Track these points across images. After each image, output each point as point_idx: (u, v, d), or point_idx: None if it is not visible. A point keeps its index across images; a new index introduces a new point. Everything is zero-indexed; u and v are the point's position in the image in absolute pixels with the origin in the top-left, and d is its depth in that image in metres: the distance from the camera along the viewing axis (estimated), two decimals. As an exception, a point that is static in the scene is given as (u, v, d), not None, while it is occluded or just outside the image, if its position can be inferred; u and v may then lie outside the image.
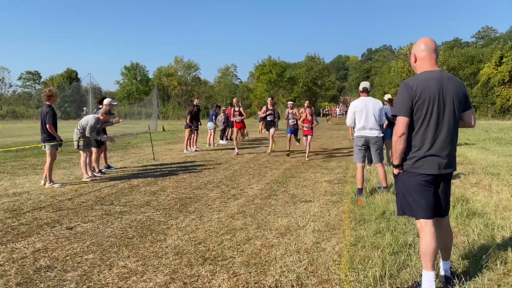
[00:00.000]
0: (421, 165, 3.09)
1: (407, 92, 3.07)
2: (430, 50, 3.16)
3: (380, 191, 6.68)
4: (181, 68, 71.29)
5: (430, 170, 3.07)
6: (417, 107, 3.05)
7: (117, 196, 7.00)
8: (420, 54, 3.20)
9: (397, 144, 3.13)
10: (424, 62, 3.18)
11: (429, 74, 3.11)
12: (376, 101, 6.68)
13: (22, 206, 6.35)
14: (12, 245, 4.53)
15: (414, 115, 3.08)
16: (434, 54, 3.18)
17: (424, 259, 3.10)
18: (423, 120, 3.06)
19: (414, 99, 3.05)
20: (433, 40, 3.21)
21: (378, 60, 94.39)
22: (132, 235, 4.86)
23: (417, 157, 3.10)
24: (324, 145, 16.37)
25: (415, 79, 3.11)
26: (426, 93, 3.03)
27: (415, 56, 3.24)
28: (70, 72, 68.60)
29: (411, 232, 4.56)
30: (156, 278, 3.64)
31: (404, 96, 3.08)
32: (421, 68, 3.19)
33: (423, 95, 3.03)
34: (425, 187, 3.11)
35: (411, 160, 3.13)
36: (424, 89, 3.04)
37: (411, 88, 3.06)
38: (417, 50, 3.21)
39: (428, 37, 3.22)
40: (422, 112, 3.05)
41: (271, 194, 7.01)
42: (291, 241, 4.53)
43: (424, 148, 3.08)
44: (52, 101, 8.12)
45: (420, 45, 3.20)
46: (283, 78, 62.83)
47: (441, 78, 3.08)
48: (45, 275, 3.71)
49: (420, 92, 3.03)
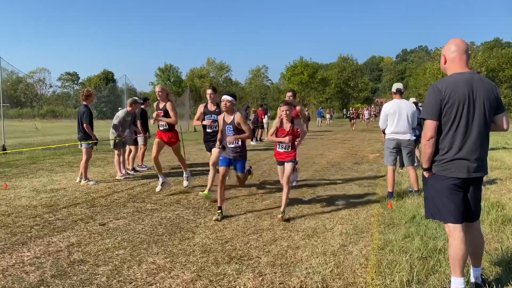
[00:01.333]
0: (450, 168, 3.03)
1: (436, 95, 3.02)
2: (461, 51, 3.09)
3: (411, 195, 6.55)
4: (213, 70, 72.17)
5: (459, 173, 3.02)
6: (446, 110, 3.00)
7: (148, 194, 7.18)
8: (450, 56, 3.13)
9: (426, 148, 3.09)
10: (454, 64, 3.11)
11: (458, 76, 3.04)
12: (409, 104, 6.56)
13: (59, 202, 6.62)
14: (49, 239, 4.73)
15: (443, 118, 3.03)
16: (465, 55, 3.10)
17: (453, 264, 3.04)
18: (452, 123, 3.01)
19: (443, 102, 2.99)
20: (464, 41, 3.13)
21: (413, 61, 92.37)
22: (162, 232, 4.97)
23: (446, 160, 3.05)
24: (356, 147, 16.16)
25: (444, 82, 3.05)
26: (456, 95, 2.97)
27: (445, 58, 3.17)
28: (107, 73, 70.82)
29: (441, 237, 4.45)
30: (183, 275, 3.71)
31: (432, 99, 3.04)
32: (451, 70, 3.13)
33: (452, 98, 2.97)
34: (454, 191, 3.05)
35: (440, 163, 3.09)
36: (453, 91, 2.98)
37: (440, 91, 3.01)
38: (447, 51, 3.14)
39: (459, 38, 3.14)
40: (451, 115, 3.00)
41: (299, 196, 6.99)
42: (318, 243, 4.51)
43: (453, 151, 3.02)
44: (89, 101, 8.42)
45: (451, 46, 3.13)
46: (314, 79, 62.39)
47: (471, 80, 3.01)
48: (78, 269, 3.86)
49: (449, 95, 2.98)
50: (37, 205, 6.39)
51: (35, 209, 6.11)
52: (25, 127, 32.78)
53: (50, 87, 78.03)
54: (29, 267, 3.90)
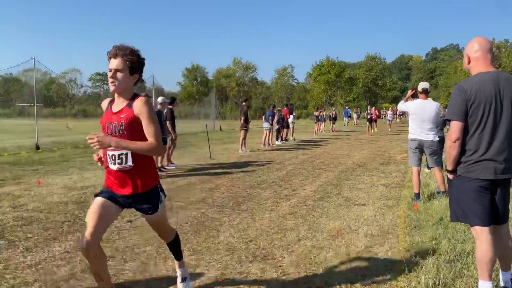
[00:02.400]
0: (475, 170, 2.96)
1: (461, 96, 2.95)
2: (485, 50, 3.00)
3: (439, 196, 6.40)
4: (239, 69, 72.52)
5: (486, 175, 2.93)
6: (472, 111, 2.93)
7: (175, 192, 7.30)
8: (474, 55, 3.04)
9: (451, 150, 3.02)
10: (478, 63, 3.03)
11: (484, 76, 2.95)
12: (433, 104, 6.42)
13: (89, 199, 6.81)
14: (79, 234, 4.88)
15: (469, 118, 2.95)
16: (489, 54, 3.01)
17: (480, 268, 2.97)
18: (478, 124, 2.93)
19: (469, 102, 2.92)
20: (487, 40, 3.05)
21: (444, 60, 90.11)
22: (187, 230, 5.05)
23: (472, 161, 2.97)
24: (383, 148, 15.92)
25: (469, 82, 2.98)
26: (482, 95, 2.89)
27: (468, 57, 3.09)
28: (136, 72, 72.13)
29: (470, 240, 4.33)
30: (208, 272, 3.76)
31: (458, 99, 2.97)
32: (476, 69, 3.04)
33: (478, 98, 2.90)
34: (480, 192, 2.96)
35: (465, 165, 3.01)
36: (479, 91, 2.90)
37: (465, 91, 2.94)
38: (470, 50, 3.06)
39: (482, 37, 3.05)
40: (478, 115, 2.92)
41: (324, 196, 6.96)
42: (342, 244, 4.48)
43: (479, 152, 2.95)
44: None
45: (474, 45, 3.04)
46: (341, 79, 61.81)
47: (498, 79, 2.92)
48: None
49: (475, 95, 2.90)
50: (68, 201, 6.60)
51: (66, 206, 6.32)
52: (58, 126, 33.83)
53: (81, 87, 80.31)
54: (60, 261, 4.04)
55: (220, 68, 73.70)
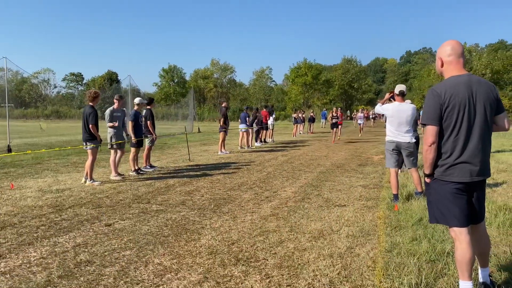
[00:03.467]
0: (452, 173, 3.00)
1: (435, 100, 2.97)
2: (457, 54, 3.05)
3: (417, 197, 6.51)
4: (217, 71, 72.29)
5: (462, 178, 2.98)
6: (447, 114, 2.96)
7: (153, 195, 7.18)
8: (447, 59, 3.07)
9: (428, 154, 3.05)
10: (451, 66, 3.07)
11: (457, 79, 2.99)
12: (409, 106, 6.52)
13: (64, 202, 6.63)
14: (55, 239, 4.73)
15: (444, 122, 2.98)
16: (462, 58, 3.06)
17: (460, 268, 3.01)
18: (453, 127, 2.97)
19: (443, 106, 2.95)
20: (459, 43, 3.09)
21: (417, 63, 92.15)
22: (168, 234, 4.97)
23: (448, 164, 3.01)
24: (360, 149, 16.12)
25: (443, 85, 3.00)
26: (456, 99, 2.93)
27: (442, 60, 3.11)
28: (111, 74, 71.07)
29: (449, 240, 4.41)
30: (190, 276, 3.70)
31: (432, 104, 2.99)
32: (449, 73, 3.08)
33: (452, 102, 2.93)
34: (457, 195, 3.01)
35: (442, 168, 3.05)
36: (453, 95, 2.93)
37: (439, 95, 2.96)
38: (443, 54, 3.09)
39: (455, 40, 3.09)
40: (452, 119, 2.95)
41: (304, 198, 6.97)
42: (325, 245, 4.49)
43: (455, 155, 2.99)
44: (95, 103, 8.45)
45: (447, 48, 3.07)
46: (318, 81, 62.38)
47: (470, 82, 2.97)
48: (85, 269, 3.86)
49: (449, 99, 2.93)
50: (43, 205, 6.40)
51: (41, 210, 6.12)
52: (30, 127, 32.91)
53: (54, 88, 78.38)
54: (35, 267, 3.90)
55: (198, 69, 73.32)
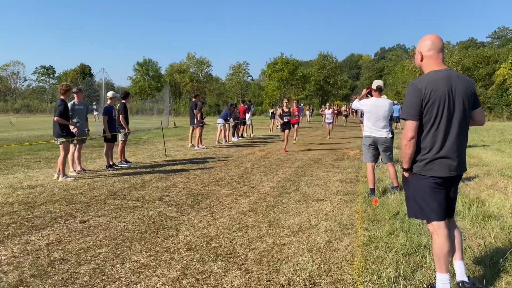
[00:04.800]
0: (431, 168, 3.00)
1: (416, 95, 2.96)
2: (437, 49, 3.03)
3: (393, 191, 6.61)
4: (193, 65, 71.50)
5: (441, 173, 2.99)
6: (427, 109, 2.95)
7: (129, 191, 7.04)
8: (427, 53, 3.06)
9: (407, 148, 3.04)
10: (431, 61, 3.06)
11: (437, 74, 2.99)
12: (386, 102, 6.60)
13: (36, 199, 6.42)
14: (27, 237, 4.58)
15: (424, 117, 2.97)
16: (441, 53, 3.06)
17: (438, 261, 3.04)
18: (433, 122, 2.96)
19: (424, 101, 2.94)
20: (439, 38, 3.06)
21: (391, 59, 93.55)
22: (145, 230, 4.87)
23: (427, 159, 3.01)
24: (336, 144, 16.28)
25: (422, 80, 2.99)
26: (436, 93, 2.92)
27: (422, 55, 3.10)
28: (84, 67, 69.35)
29: (425, 233, 4.49)
30: (168, 273, 3.64)
31: (413, 99, 2.97)
32: (428, 67, 3.07)
33: (432, 96, 2.92)
34: (435, 189, 3.03)
35: (421, 163, 3.04)
36: (433, 90, 2.93)
37: (420, 90, 2.95)
38: (424, 48, 3.07)
39: (435, 34, 3.07)
40: (432, 114, 2.95)
41: (282, 192, 6.98)
42: (304, 240, 4.50)
43: (434, 150, 2.99)
44: (67, 96, 8.21)
45: (427, 43, 3.06)
46: (295, 76, 62.54)
47: (449, 78, 2.97)
48: (59, 268, 3.74)
49: (429, 94, 2.92)
50: (13, 202, 6.18)
51: (11, 207, 5.91)
52: (-1, 121, 31.82)
53: (24, 81, 75.85)
54: (7, 266, 3.76)
55: (174, 63, 72.31)
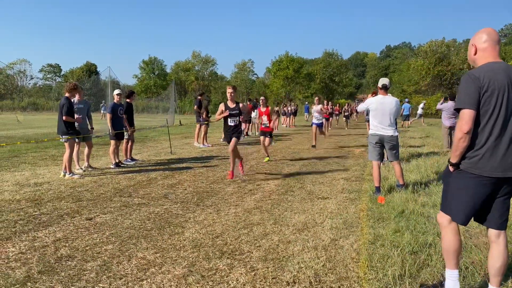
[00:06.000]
0: (483, 167, 2.77)
1: (474, 83, 2.75)
2: (494, 41, 2.88)
3: (398, 189, 6.60)
4: (199, 63, 71.63)
5: (494, 172, 2.75)
6: (485, 100, 2.74)
7: (135, 189, 7.07)
8: (482, 45, 2.90)
9: (461, 142, 2.79)
10: (486, 53, 2.89)
11: (495, 65, 2.81)
12: (393, 100, 6.58)
13: (43, 196, 6.47)
14: (34, 234, 4.62)
15: (481, 108, 2.76)
16: (498, 45, 2.89)
17: (447, 257, 2.97)
18: (491, 115, 2.74)
19: (482, 90, 2.73)
20: (495, 31, 2.94)
21: (397, 58, 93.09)
22: (151, 227, 4.90)
23: (479, 156, 2.79)
24: (341, 142, 16.25)
25: (480, 70, 2.81)
26: (495, 83, 2.72)
27: (476, 48, 2.94)
28: (90, 66, 69.72)
29: (431, 231, 4.49)
30: (174, 270, 3.66)
31: (470, 87, 2.76)
32: (483, 60, 2.89)
33: (491, 86, 2.72)
34: (481, 191, 2.80)
35: (472, 160, 2.81)
36: (492, 79, 2.73)
37: (478, 78, 2.75)
38: (478, 41, 2.92)
39: (490, 28, 2.93)
40: (491, 105, 2.73)
41: (287, 190, 6.98)
42: (309, 238, 4.51)
43: (488, 146, 2.76)
44: (72, 95, 8.25)
45: (482, 35, 2.91)
46: (300, 74, 62.52)
47: (508, 69, 2.79)
48: (66, 264, 3.77)
49: (488, 83, 2.73)
50: (20, 199, 6.23)
51: (18, 204, 5.96)
52: (6, 119, 32.06)
53: (31, 79, 76.33)
54: (14, 263, 3.80)
55: (179, 61, 72.47)
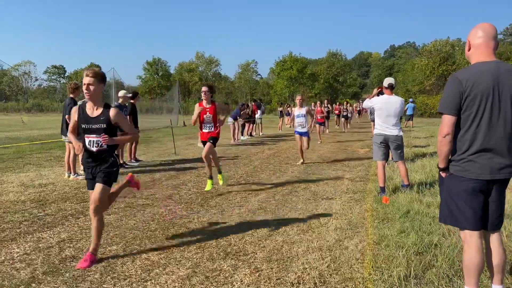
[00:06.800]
0: (469, 169, 2.75)
1: (456, 87, 2.73)
2: (488, 37, 2.77)
3: (403, 189, 6.56)
4: (202, 64, 71.75)
5: (481, 174, 2.73)
6: (467, 104, 2.72)
7: (140, 189, 7.06)
8: (476, 41, 2.80)
9: (442, 145, 2.82)
10: (478, 51, 2.80)
11: (482, 66, 2.73)
12: (398, 99, 6.56)
13: (48, 197, 6.48)
14: (39, 235, 4.62)
15: (463, 113, 2.74)
16: (492, 41, 2.78)
17: (467, 274, 2.81)
18: (473, 118, 2.72)
19: (463, 95, 2.71)
20: (492, 26, 2.81)
21: (401, 57, 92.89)
22: (155, 228, 4.90)
23: (465, 159, 2.77)
24: (345, 142, 16.21)
25: (466, 72, 2.76)
26: (479, 87, 2.67)
27: (469, 44, 2.86)
28: (94, 67, 69.92)
29: (436, 232, 4.46)
30: (178, 271, 3.66)
31: (451, 91, 2.75)
32: (475, 58, 2.82)
33: (474, 90, 2.68)
34: (473, 194, 2.77)
35: (458, 163, 2.82)
36: (476, 83, 2.68)
37: (460, 82, 2.72)
38: (473, 36, 2.83)
39: (487, 23, 2.83)
40: (473, 109, 2.71)
41: (292, 191, 6.97)
42: (313, 238, 4.49)
43: (473, 149, 2.74)
44: (76, 94, 8.27)
45: (477, 31, 2.81)
46: (304, 75, 62.50)
47: (497, 71, 2.70)
48: (70, 265, 3.77)
49: (470, 87, 2.69)
50: (25, 200, 6.25)
51: (23, 205, 5.98)
52: (11, 121, 32.22)
53: (35, 80, 76.70)
54: (19, 263, 3.80)
55: (183, 62, 72.60)
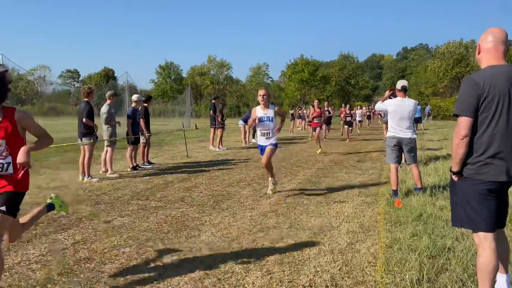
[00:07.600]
0: (487, 172, 2.75)
1: (474, 89, 2.73)
2: (498, 41, 2.80)
3: (416, 192, 6.51)
4: (214, 67, 71.99)
5: (498, 177, 2.73)
6: (485, 106, 2.72)
7: (152, 192, 7.15)
8: (485, 46, 2.84)
9: (458, 148, 2.79)
10: (488, 55, 2.83)
11: (495, 69, 2.76)
12: (411, 102, 6.51)
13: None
14: (54, 236, 4.71)
15: (480, 114, 2.74)
16: (502, 46, 2.80)
17: (481, 277, 2.80)
18: (491, 120, 2.72)
19: (481, 97, 2.71)
20: (503, 31, 2.84)
21: (414, 59, 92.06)
22: (167, 230, 4.95)
23: (482, 162, 2.77)
24: (358, 145, 16.13)
25: (480, 74, 2.77)
26: (496, 89, 2.69)
27: (479, 47, 2.89)
28: (107, 71, 70.85)
29: (449, 235, 4.41)
30: (191, 273, 3.68)
31: (469, 93, 2.74)
32: (486, 62, 2.84)
33: (491, 92, 2.69)
34: (488, 196, 2.78)
35: (474, 166, 2.80)
36: (493, 85, 2.70)
37: (478, 84, 2.72)
38: (483, 41, 2.86)
39: (498, 27, 2.85)
40: (491, 111, 2.71)
41: (303, 194, 6.96)
42: (325, 241, 4.48)
43: (490, 152, 2.74)
44: (90, 98, 8.39)
45: (487, 35, 2.84)
46: (315, 77, 62.31)
47: (510, 73, 2.73)
48: (85, 266, 3.83)
49: (488, 89, 2.70)
50: (41, 203, 6.35)
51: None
52: (26, 124, 32.71)
53: (51, 84, 77.85)
54: (35, 265, 3.88)
55: (195, 66, 73.00)
